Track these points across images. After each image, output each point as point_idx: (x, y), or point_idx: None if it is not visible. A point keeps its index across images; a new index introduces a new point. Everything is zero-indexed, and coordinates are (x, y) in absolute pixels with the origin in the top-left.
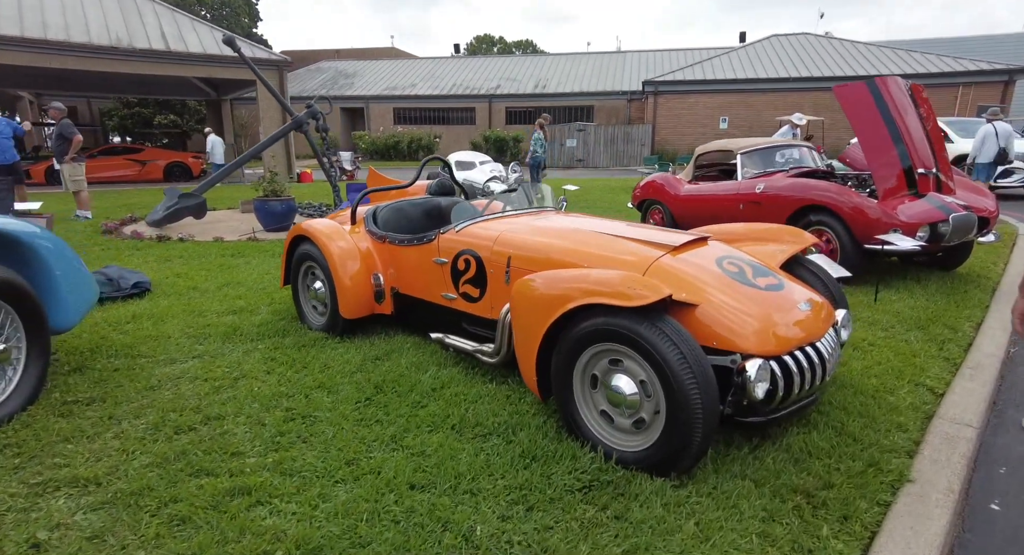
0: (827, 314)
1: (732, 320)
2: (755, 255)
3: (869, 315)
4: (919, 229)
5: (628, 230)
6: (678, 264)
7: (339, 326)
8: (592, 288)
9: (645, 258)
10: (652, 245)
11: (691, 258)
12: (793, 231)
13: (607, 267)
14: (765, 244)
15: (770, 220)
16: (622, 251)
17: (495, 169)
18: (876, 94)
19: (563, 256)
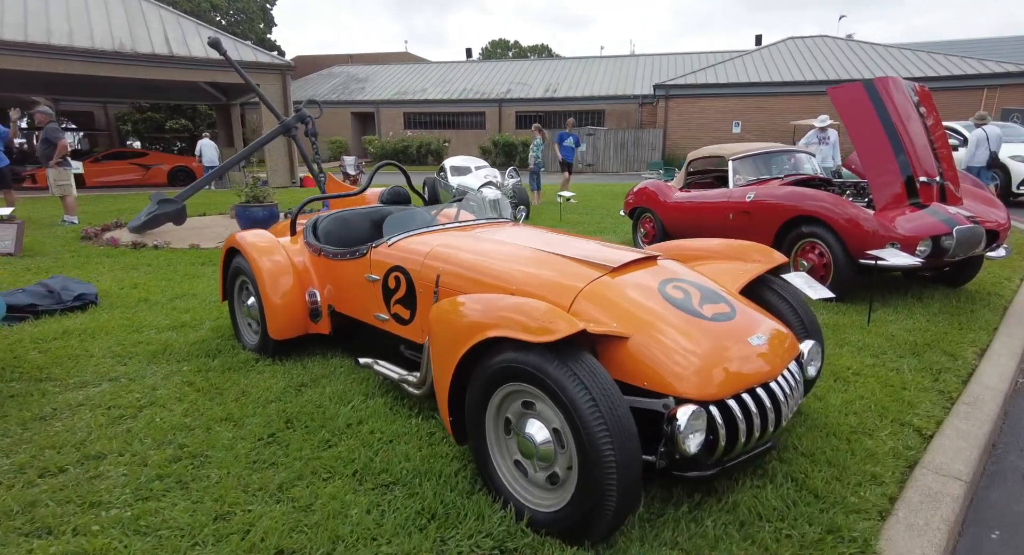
0: (788, 347)
1: (667, 356)
2: (715, 275)
3: (859, 338)
4: (919, 243)
5: (574, 246)
6: (614, 288)
7: (270, 347)
8: (501, 318)
9: (578, 281)
10: (591, 265)
11: (632, 281)
12: (762, 250)
13: (536, 289)
14: (729, 262)
15: (760, 231)
16: (558, 271)
17: (490, 174)
18: (874, 96)
19: (491, 277)
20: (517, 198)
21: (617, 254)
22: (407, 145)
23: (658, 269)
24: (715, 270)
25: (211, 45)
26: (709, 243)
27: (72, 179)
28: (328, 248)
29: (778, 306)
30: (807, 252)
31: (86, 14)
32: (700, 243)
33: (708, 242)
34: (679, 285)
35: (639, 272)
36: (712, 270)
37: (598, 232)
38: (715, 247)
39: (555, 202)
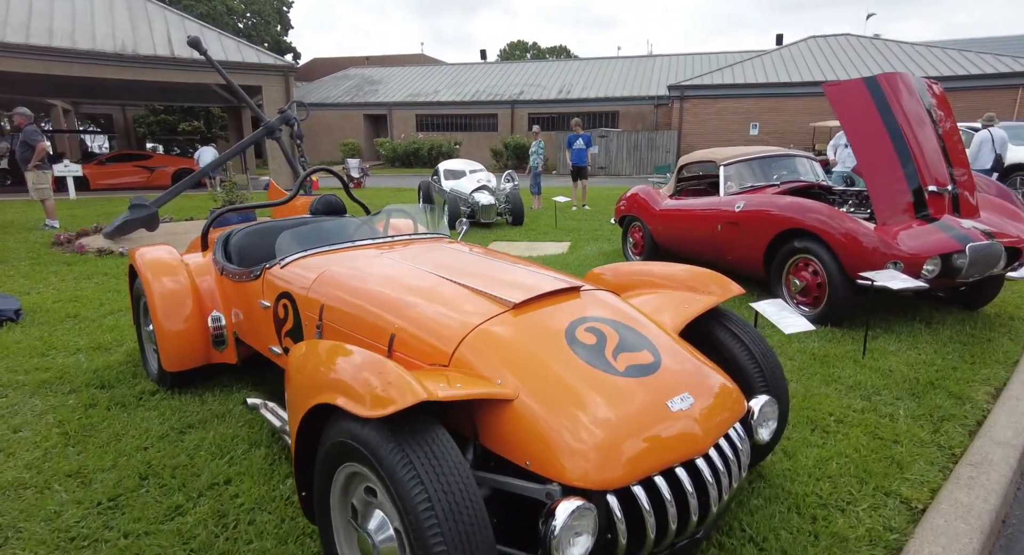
0: (730, 407)
1: (558, 427)
2: (656, 309)
3: (851, 374)
4: (926, 262)
5: (489, 273)
6: (510, 331)
7: (167, 379)
8: (336, 381)
9: (469, 321)
10: (492, 299)
11: (536, 320)
12: (718, 280)
13: (417, 330)
14: (679, 292)
15: (748, 244)
16: (452, 307)
17: (483, 178)
18: (877, 95)
19: (373, 314)
20: (511, 204)
21: (532, 284)
22: (418, 147)
23: (576, 304)
24: (658, 302)
25: (190, 44)
26: (668, 269)
27: (51, 182)
28: (229, 267)
29: (731, 348)
30: (800, 269)
31: (90, 15)
32: (656, 268)
33: (666, 267)
34: (595, 326)
35: (549, 308)
36: (654, 302)
37: (591, 241)
38: (671, 273)
39: (567, 208)
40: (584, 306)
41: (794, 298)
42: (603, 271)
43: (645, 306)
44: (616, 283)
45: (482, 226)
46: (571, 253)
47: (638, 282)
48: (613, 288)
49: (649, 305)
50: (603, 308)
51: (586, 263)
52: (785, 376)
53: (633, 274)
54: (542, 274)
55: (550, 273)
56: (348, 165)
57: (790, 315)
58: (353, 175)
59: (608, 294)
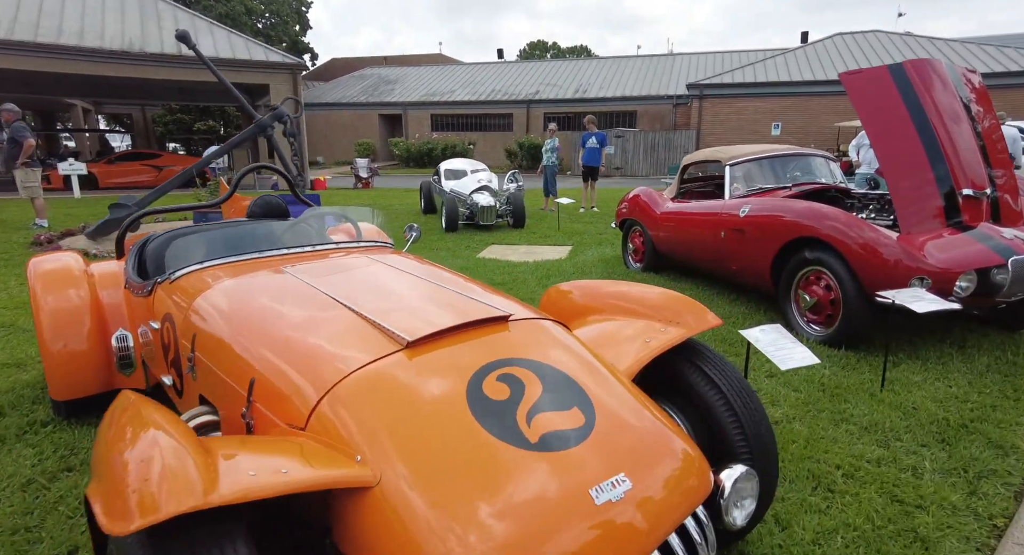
0: (687, 487)
1: (429, 529)
2: (611, 344)
3: (866, 412)
4: (959, 278)
5: (403, 296)
6: (388, 383)
7: (61, 409)
8: (104, 470)
9: (338, 368)
10: (388, 334)
11: (431, 364)
12: (693, 308)
13: (278, 374)
14: (644, 322)
15: (754, 253)
16: (337, 343)
17: (484, 179)
18: (903, 84)
19: (236, 350)
20: (512, 205)
21: (447, 313)
22: (432, 147)
23: (497, 341)
24: (617, 334)
25: (179, 38)
26: (642, 292)
27: (39, 180)
28: (132, 279)
29: (703, 397)
30: (811, 283)
31: (101, 14)
32: (628, 289)
33: (640, 290)
34: (513, 373)
35: (457, 348)
36: (612, 334)
37: (594, 245)
38: (644, 296)
39: (575, 210)
40: (507, 344)
41: (804, 316)
42: (570, 289)
43: (599, 339)
44: (580, 305)
45: (481, 228)
46: (570, 258)
47: (604, 305)
48: (572, 312)
49: (605, 338)
50: (533, 346)
51: (583, 270)
52: (774, 437)
53: (600, 296)
54: (471, 299)
55: (485, 296)
56: (356, 165)
57: (788, 345)
58: (361, 175)
59: (550, 325)
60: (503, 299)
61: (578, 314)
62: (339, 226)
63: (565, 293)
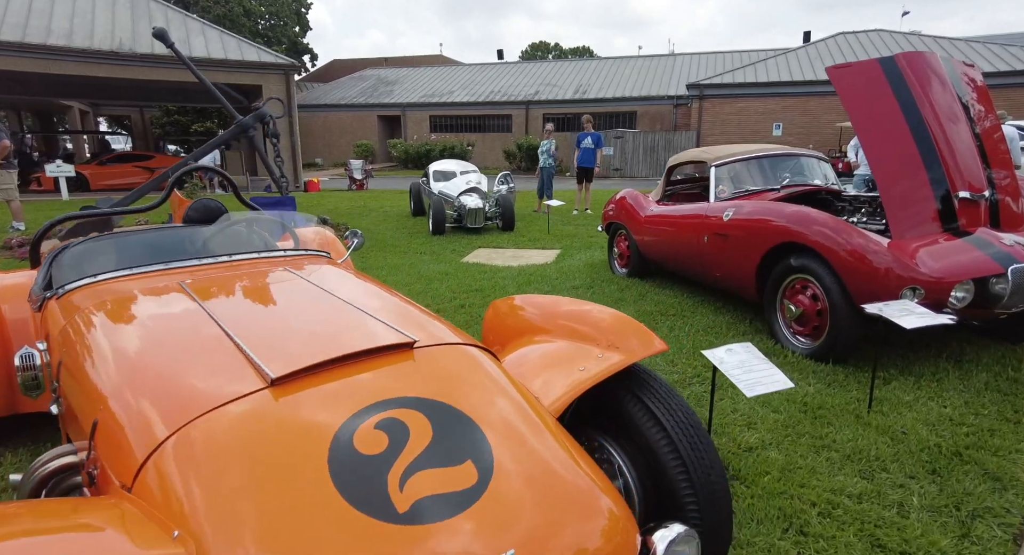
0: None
1: None
2: (547, 369)
3: (851, 436)
4: (954, 288)
5: (301, 317)
6: (234, 433)
7: None
8: None
9: (183, 411)
10: (256, 369)
11: (297, 407)
12: (639, 331)
13: (116, 420)
14: (581, 346)
15: (738, 259)
16: (191, 379)
17: (473, 180)
18: (895, 78)
19: (85, 386)
20: (501, 208)
21: (344, 339)
22: (430, 148)
23: (391, 374)
24: (553, 360)
25: (156, 36)
26: (592, 312)
27: (16, 182)
28: (33, 291)
29: (646, 436)
30: (797, 292)
31: (91, 14)
32: (579, 308)
33: (591, 310)
34: (398, 416)
35: (341, 383)
36: (548, 359)
37: (583, 249)
38: (594, 317)
39: (567, 212)
40: (404, 378)
41: (790, 327)
42: (513, 303)
43: (529, 366)
44: (522, 322)
45: (469, 231)
46: (556, 263)
47: (546, 324)
48: (513, 330)
49: (536, 364)
50: (436, 380)
51: (568, 275)
52: (729, 489)
53: (543, 313)
54: (382, 322)
55: (404, 318)
56: (351, 166)
57: (759, 366)
58: (356, 177)
59: (468, 352)
60: (430, 320)
61: (518, 332)
62: (306, 230)
63: (508, 308)
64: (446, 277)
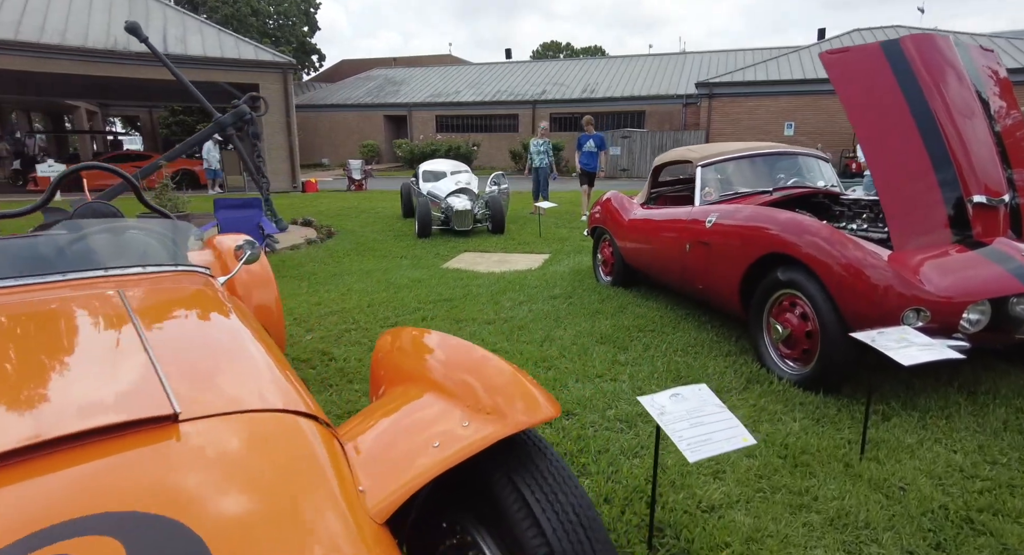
0: None
1: None
2: (397, 440)
3: (837, 492)
4: (965, 309)
5: (56, 373)
6: None
7: None
8: None
9: None
10: None
11: None
12: (527, 395)
13: None
14: (452, 405)
15: (721, 270)
16: None
17: (463, 181)
18: (900, 65)
19: None
20: (491, 210)
21: (94, 410)
22: (435, 149)
23: (113, 471)
24: (402, 429)
25: (128, 30)
26: (479, 362)
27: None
28: None
29: (520, 538)
30: (785, 310)
31: (87, 12)
32: (459, 357)
33: (476, 359)
34: (78, 547)
35: (32, 484)
36: (396, 428)
37: (574, 253)
38: (473, 366)
39: (560, 214)
40: (131, 474)
41: (777, 349)
42: (410, 340)
43: (375, 434)
44: (403, 364)
45: (457, 234)
46: (542, 269)
47: (425, 371)
48: (388, 373)
49: (387, 433)
50: (185, 474)
51: (550, 282)
52: None
53: (432, 359)
54: (161, 380)
55: (223, 368)
56: (350, 167)
57: (712, 418)
58: (354, 177)
59: (268, 422)
60: (263, 379)
61: (394, 375)
62: (210, 237)
63: (396, 343)
64: (417, 285)
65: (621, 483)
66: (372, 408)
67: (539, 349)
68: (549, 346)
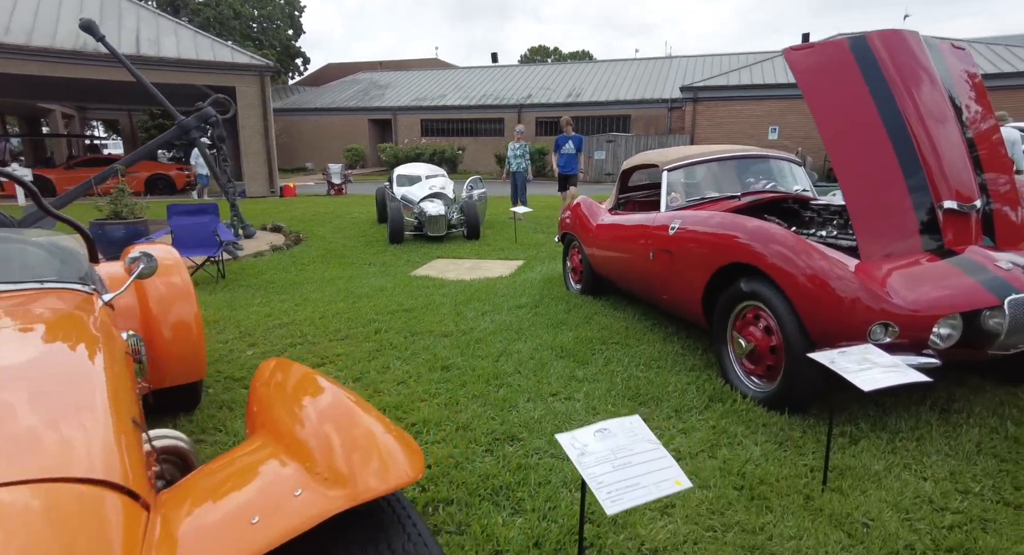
0: None
1: None
2: (204, 516)
3: (794, 532)
4: (937, 323)
5: None
6: None
7: None
8: None
9: None
10: None
11: None
12: (385, 458)
13: None
14: (288, 466)
15: (685, 279)
16: None
17: (438, 185)
18: (867, 61)
19: None
20: (466, 215)
21: None
22: (420, 153)
23: None
24: (221, 492)
25: (83, 28)
26: (339, 413)
27: None
28: None
29: None
30: (749, 323)
31: (56, 12)
32: (320, 403)
33: (339, 410)
34: None
35: None
36: (215, 491)
37: (548, 259)
38: (330, 416)
39: (544, 219)
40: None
41: (741, 364)
42: (284, 377)
43: (193, 505)
44: (267, 404)
45: (430, 240)
46: (514, 275)
47: (276, 418)
48: (258, 411)
49: (210, 502)
50: None
51: (520, 290)
52: None
53: (288, 400)
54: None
55: (43, 413)
56: (329, 171)
57: (642, 459)
58: (334, 181)
59: (44, 503)
60: (85, 426)
61: (256, 419)
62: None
63: (272, 378)
64: (379, 294)
65: (557, 522)
66: (209, 467)
67: (493, 365)
68: (505, 361)
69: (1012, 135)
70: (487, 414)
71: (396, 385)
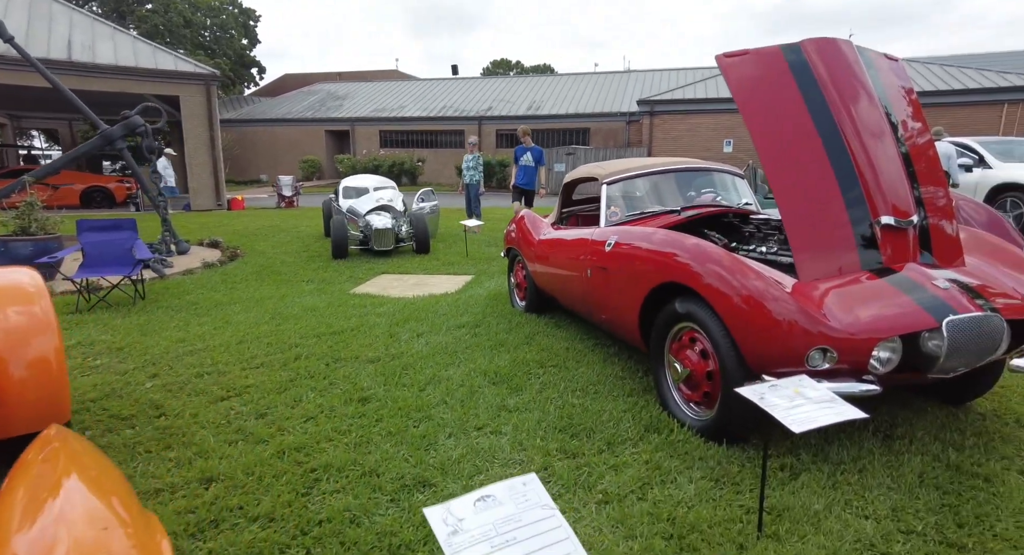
0: None
1: None
2: None
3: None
4: (876, 346)
5: None
6: None
7: None
8: None
9: None
10: None
11: None
12: None
13: None
14: None
15: (621, 301)
16: None
17: (385, 197)
18: (800, 70)
19: None
20: (415, 229)
21: None
22: (379, 164)
23: None
24: None
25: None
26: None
27: None
28: None
29: None
30: (685, 347)
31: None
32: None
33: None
34: None
35: None
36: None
37: (499, 274)
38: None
39: (494, 233)
40: None
41: (679, 390)
42: (45, 456)
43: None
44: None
45: (377, 255)
46: (460, 292)
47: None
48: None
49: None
50: None
51: (465, 308)
52: None
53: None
54: None
55: None
56: (279, 183)
57: (537, 525)
58: (285, 194)
59: None
60: None
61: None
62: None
63: (39, 455)
64: (309, 314)
65: None
66: None
67: (418, 395)
68: (432, 390)
69: (947, 149)
70: (400, 455)
71: (303, 422)
